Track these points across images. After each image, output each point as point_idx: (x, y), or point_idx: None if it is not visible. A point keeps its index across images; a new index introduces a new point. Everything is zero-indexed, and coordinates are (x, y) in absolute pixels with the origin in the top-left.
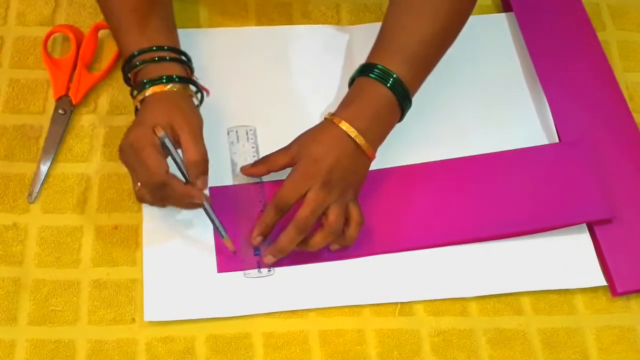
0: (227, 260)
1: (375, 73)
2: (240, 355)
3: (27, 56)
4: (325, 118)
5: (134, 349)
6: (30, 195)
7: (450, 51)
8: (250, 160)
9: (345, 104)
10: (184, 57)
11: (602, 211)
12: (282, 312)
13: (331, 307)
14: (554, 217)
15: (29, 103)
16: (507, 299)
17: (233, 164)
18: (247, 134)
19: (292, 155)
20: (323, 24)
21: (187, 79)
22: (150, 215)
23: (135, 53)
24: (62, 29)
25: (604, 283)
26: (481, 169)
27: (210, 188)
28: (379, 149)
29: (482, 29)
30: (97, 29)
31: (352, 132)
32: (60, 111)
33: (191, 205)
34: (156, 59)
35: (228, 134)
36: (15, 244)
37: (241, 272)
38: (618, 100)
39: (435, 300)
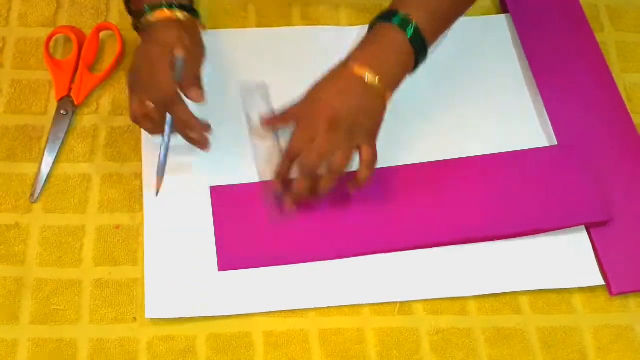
0: (228, 259)
1: (395, 19)
2: (240, 354)
3: (29, 57)
4: (339, 62)
5: (135, 347)
6: (32, 195)
7: (449, 51)
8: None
9: (361, 47)
10: None
11: (598, 214)
12: (282, 311)
13: (331, 307)
14: (550, 220)
15: (31, 104)
16: (505, 298)
17: (248, 119)
18: (259, 89)
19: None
20: (322, 25)
21: (186, 6)
22: (152, 215)
23: None
24: (64, 30)
25: (602, 282)
26: (477, 170)
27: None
28: (378, 149)
29: (482, 30)
30: (98, 30)
31: (364, 73)
32: (62, 112)
33: (186, 133)
34: None
35: (241, 91)
36: (17, 243)
37: (241, 272)
38: (616, 101)
39: (435, 299)
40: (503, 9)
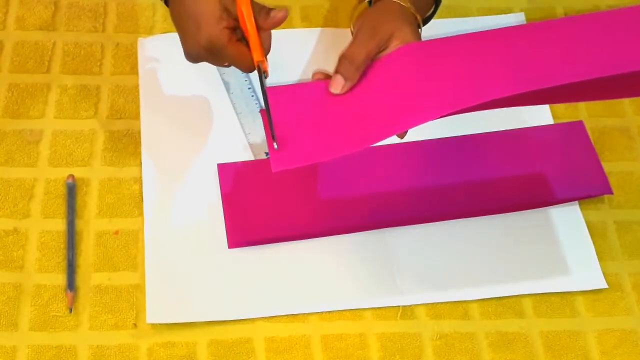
0: (237, 236)
1: None
2: None
3: (27, 61)
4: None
5: (135, 354)
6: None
7: None
8: (242, 76)
9: None
10: None
11: (601, 187)
12: (283, 316)
13: (333, 311)
14: (556, 193)
15: (28, 107)
16: (508, 301)
17: (225, 84)
18: None
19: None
20: (322, 27)
21: None
22: (152, 220)
23: None
24: None
25: (606, 286)
26: (483, 147)
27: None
28: None
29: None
30: None
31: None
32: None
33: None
34: None
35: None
36: (15, 249)
37: (242, 276)
38: None
39: (437, 303)
40: None
